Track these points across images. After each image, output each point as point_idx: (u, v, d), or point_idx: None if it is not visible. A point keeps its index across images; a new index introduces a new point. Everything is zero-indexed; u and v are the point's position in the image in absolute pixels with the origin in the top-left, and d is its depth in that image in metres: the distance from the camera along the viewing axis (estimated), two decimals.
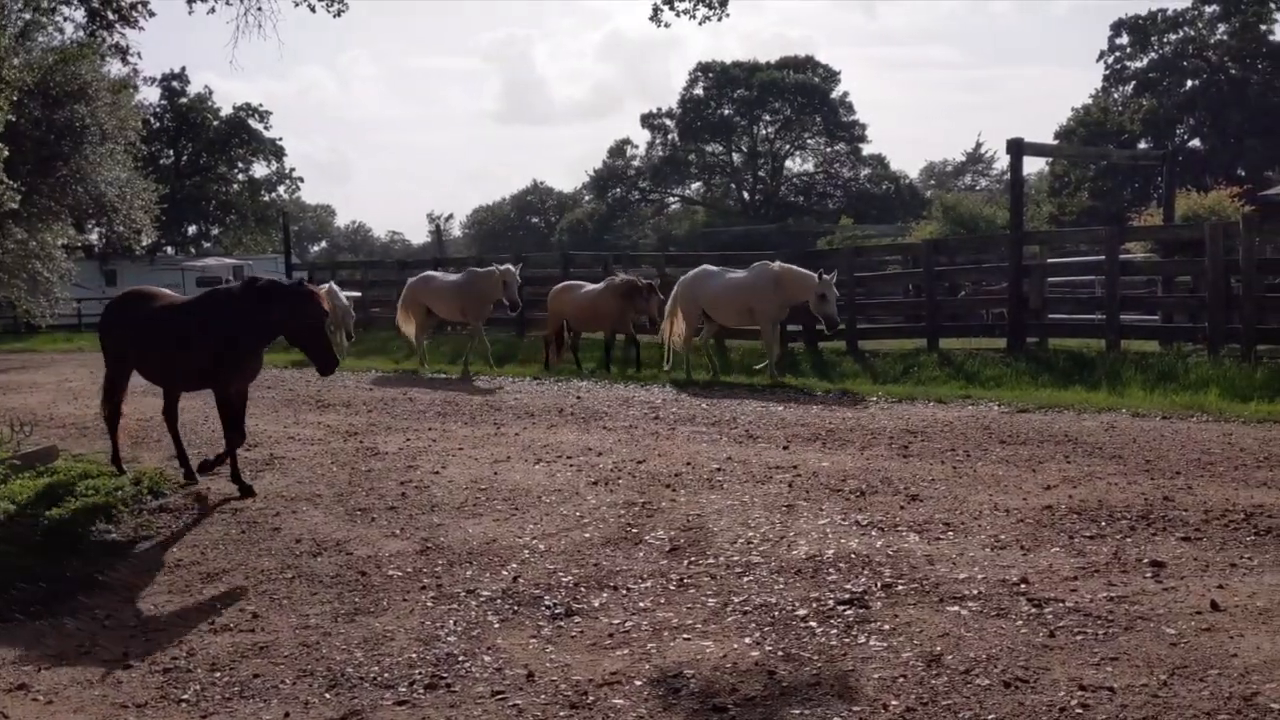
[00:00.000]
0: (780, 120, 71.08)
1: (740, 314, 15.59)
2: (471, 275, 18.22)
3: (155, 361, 8.78)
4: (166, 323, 8.58)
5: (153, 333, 8.61)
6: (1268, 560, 5.85)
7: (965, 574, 5.80)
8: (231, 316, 8.16)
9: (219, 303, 8.41)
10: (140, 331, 8.70)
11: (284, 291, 8.08)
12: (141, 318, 8.74)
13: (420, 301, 18.84)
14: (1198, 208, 24.22)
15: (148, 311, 8.76)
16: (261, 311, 8.05)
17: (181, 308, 8.72)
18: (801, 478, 8.34)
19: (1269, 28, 59.00)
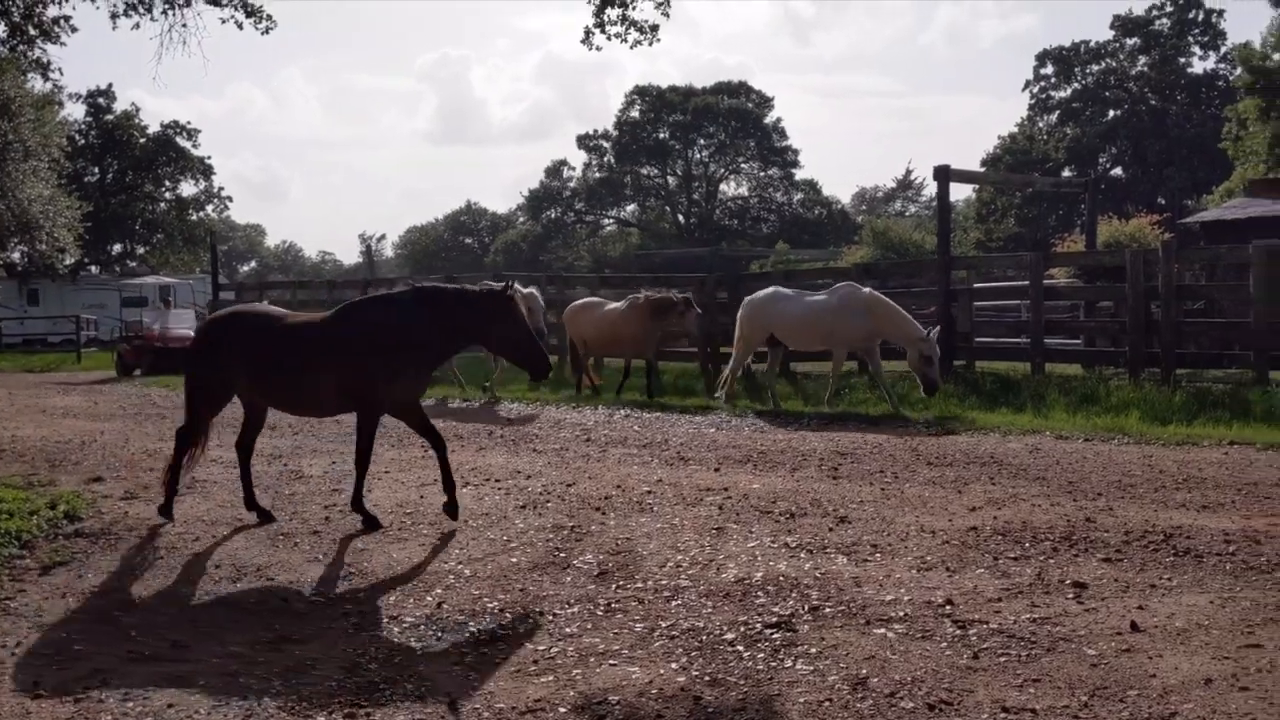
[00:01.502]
0: (715, 144, 71.56)
1: (820, 339, 14.61)
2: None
3: (289, 385, 7.81)
4: (313, 341, 7.71)
5: (291, 353, 7.71)
6: (1186, 581, 5.95)
7: (891, 596, 5.82)
8: (410, 327, 7.49)
9: (388, 314, 7.61)
10: (268, 353, 7.75)
11: (482, 298, 7.59)
12: (270, 338, 7.81)
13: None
14: (1119, 235, 24.74)
15: (278, 330, 7.86)
16: (455, 319, 7.51)
17: (332, 323, 7.78)
18: (732, 500, 8.34)
19: (1187, 61, 60.77)
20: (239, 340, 7.88)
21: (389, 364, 7.50)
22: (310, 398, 7.88)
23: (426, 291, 7.68)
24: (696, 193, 73.07)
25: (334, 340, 7.65)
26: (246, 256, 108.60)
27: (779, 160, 71.62)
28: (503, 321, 7.51)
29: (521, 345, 7.61)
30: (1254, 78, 41.34)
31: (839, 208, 75.31)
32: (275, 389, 7.92)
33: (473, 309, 7.53)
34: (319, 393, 7.75)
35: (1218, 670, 4.62)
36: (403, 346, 7.50)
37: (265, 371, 7.80)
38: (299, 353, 7.71)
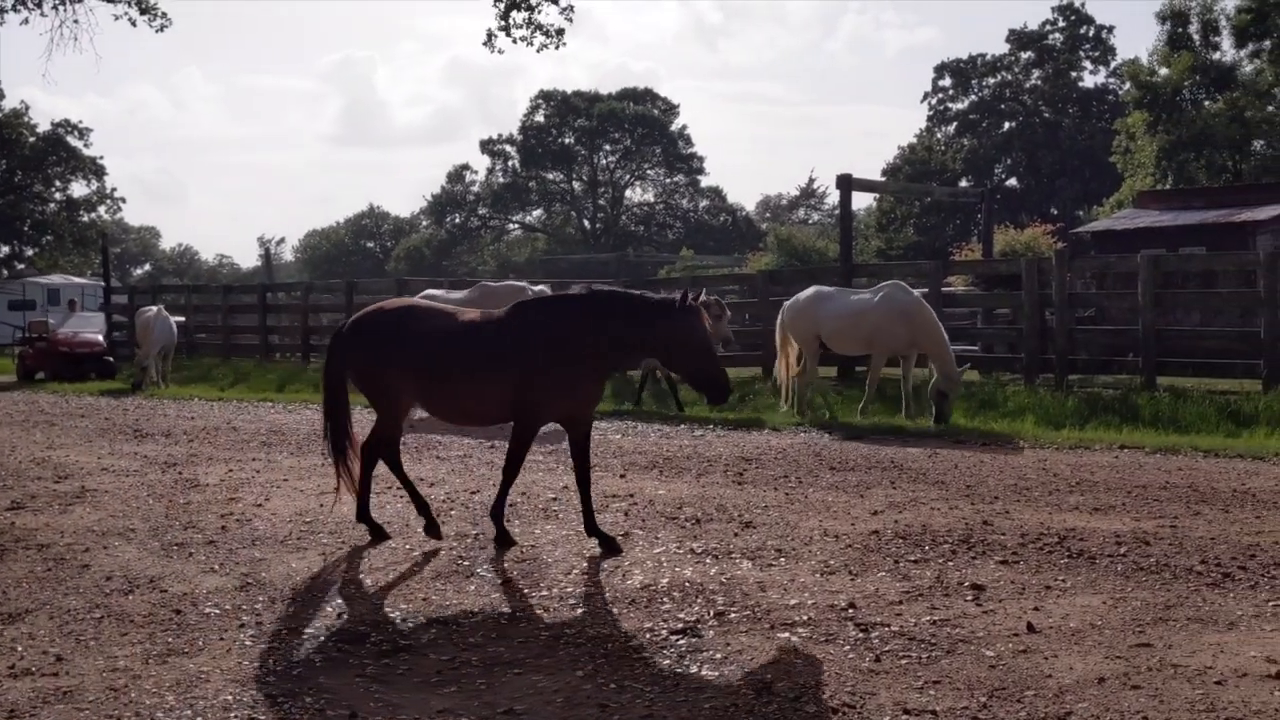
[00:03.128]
0: (620, 150, 71.80)
1: (861, 342, 13.87)
2: (486, 292, 15.37)
3: (455, 392, 7.14)
4: (482, 342, 7.03)
5: (460, 355, 7.03)
6: (1080, 582, 6.10)
7: (796, 600, 5.86)
8: (586, 333, 6.77)
9: (563, 318, 6.89)
10: (435, 354, 7.07)
11: (660, 306, 6.71)
12: (436, 337, 7.11)
13: None
14: (1014, 243, 25.45)
15: (444, 329, 7.15)
16: (630, 327, 6.73)
17: (507, 324, 7.04)
18: (638, 506, 8.34)
19: (1079, 75, 62.72)
20: (409, 336, 7.17)
21: (564, 373, 6.82)
22: (471, 405, 7.20)
23: (603, 295, 6.96)
24: (603, 198, 73.19)
25: (505, 343, 6.94)
26: (140, 260, 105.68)
27: (685, 167, 72.16)
28: (682, 335, 6.60)
29: (701, 364, 6.69)
30: (1142, 92, 42.86)
31: (744, 215, 76.10)
32: (432, 393, 7.23)
33: (650, 318, 6.67)
34: (482, 400, 7.08)
35: (1110, 669, 4.74)
36: (579, 354, 6.79)
37: (421, 374, 7.12)
38: (464, 355, 7.03)
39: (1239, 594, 5.84)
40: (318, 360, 24.12)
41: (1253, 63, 43.17)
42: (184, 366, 23.95)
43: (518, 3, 10.44)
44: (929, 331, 13.12)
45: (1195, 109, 41.99)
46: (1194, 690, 4.49)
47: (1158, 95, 42.18)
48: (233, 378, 22.34)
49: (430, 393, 7.21)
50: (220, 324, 27.38)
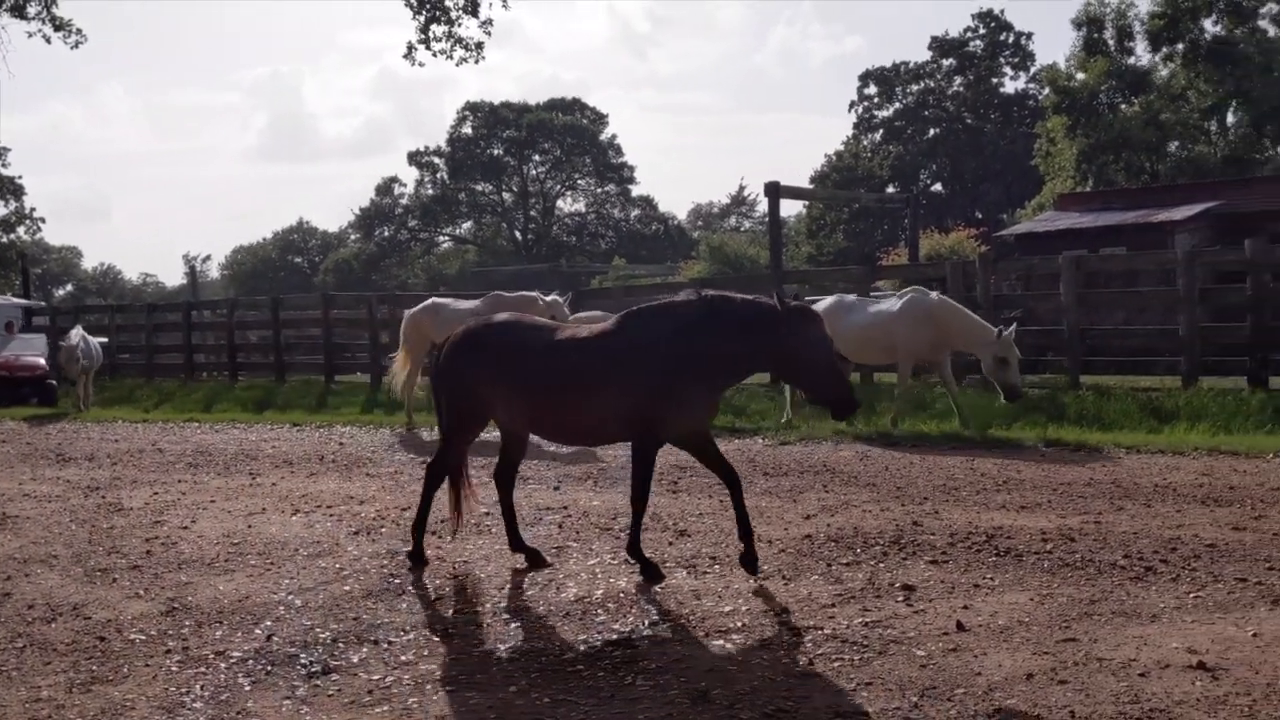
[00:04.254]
0: (550, 161, 71.74)
1: (883, 351, 13.43)
2: (498, 302, 14.66)
3: (560, 409, 6.62)
4: (592, 357, 6.51)
5: (565, 371, 6.53)
6: (1008, 579, 6.19)
7: (730, 607, 5.88)
8: (701, 342, 6.25)
9: (676, 326, 6.33)
10: (537, 371, 6.58)
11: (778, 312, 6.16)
12: (538, 353, 6.60)
13: (426, 337, 14.97)
14: (940, 247, 25.89)
15: (547, 344, 6.64)
16: (745, 335, 6.21)
17: (614, 335, 6.53)
18: (572, 518, 8.31)
19: (1000, 81, 63.85)
20: (500, 355, 6.70)
21: (680, 385, 6.30)
22: (584, 424, 6.68)
23: (716, 301, 6.40)
24: (533, 209, 73.05)
25: (617, 356, 6.43)
26: (62, 280, 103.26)
27: (615, 176, 72.29)
28: (802, 342, 6.12)
29: (822, 374, 6.17)
30: (1060, 97, 43.79)
31: (675, 223, 76.39)
32: (542, 413, 6.71)
33: (766, 324, 6.17)
34: (596, 418, 6.55)
35: (1038, 665, 4.81)
36: (695, 365, 6.29)
37: (531, 393, 6.62)
38: (575, 371, 6.52)
39: (1161, 587, 5.96)
40: (245, 378, 23.80)
41: (1166, 66, 44.33)
42: (107, 388, 23.43)
43: (437, 16, 10.37)
44: (957, 324, 12.59)
45: (1112, 113, 42.98)
46: (1118, 683, 4.57)
47: (1076, 100, 43.13)
48: (157, 398, 21.94)
49: (541, 411, 6.68)
50: (144, 344, 26.79)
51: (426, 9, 10.85)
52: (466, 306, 15.10)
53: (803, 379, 6.39)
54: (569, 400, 6.54)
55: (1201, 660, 4.75)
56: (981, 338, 12.36)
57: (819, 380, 6.22)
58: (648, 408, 6.31)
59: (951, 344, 12.82)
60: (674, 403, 6.31)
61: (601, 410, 6.47)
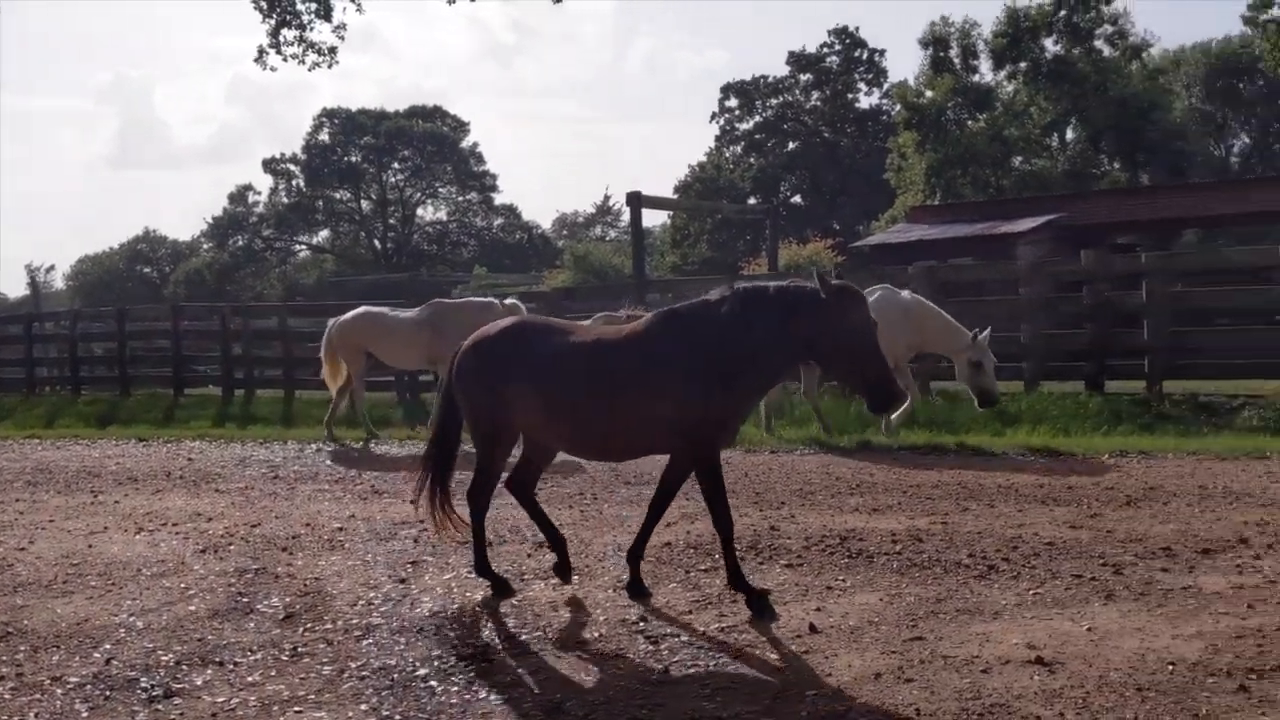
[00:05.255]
0: (410, 168, 70.77)
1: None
2: (442, 310, 14.02)
3: (594, 421, 5.98)
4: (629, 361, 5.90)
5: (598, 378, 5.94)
6: (859, 581, 6.31)
7: (587, 618, 5.85)
8: (745, 340, 5.65)
9: (719, 323, 5.73)
10: (564, 379, 5.99)
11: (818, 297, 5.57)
12: (566, 358, 6.02)
13: (359, 345, 14.29)
14: (798, 258, 26.37)
15: (574, 348, 6.06)
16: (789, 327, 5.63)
17: (652, 337, 5.90)
18: (429, 532, 8.16)
19: (855, 96, 65.61)
20: (524, 361, 6.11)
21: (730, 388, 5.72)
22: (622, 435, 6.01)
23: (754, 293, 5.78)
24: (393, 217, 71.92)
25: (658, 360, 5.82)
26: None
27: (478, 185, 71.73)
28: (844, 329, 5.53)
29: (866, 363, 5.57)
30: (910, 113, 45.23)
31: (540, 232, 76.21)
32: (572, 425, 6.07)
33: (809, 310, 5.59)
34: (637, 429, 5.91)
35: (886, 664, 4.91)
36: (743, 365, 5.70)
37: (559, 403, 6.01)
38: (609, 378, 5.91)
39: (1003, 584, 6.16)
40: (89, 392, 22.82)
41: (1009, 84, 46.16)
42: None
43: (288, 20, 10.12)
44: (932, 324, 12.17)
45: (959, 128, 44.58)
46: (962, 680, 4.70)
47: (925, 116, 44.60)
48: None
49: (562, 424, 6.09)
50: None
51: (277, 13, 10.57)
52: (406, 316, 14.36)
53: (846, 367, 5.68)
54: (604, 411, 5.91)
55: (1040, 655, 4.91)
56: (958, 340, 11.94)
57: (865, 367, 5.56)
58: (700, 417, 5.70)
59: (927, 345, 12.45)
60: (726, 410, 5.76)
61: (643, 421, 5.84)
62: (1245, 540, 6.93)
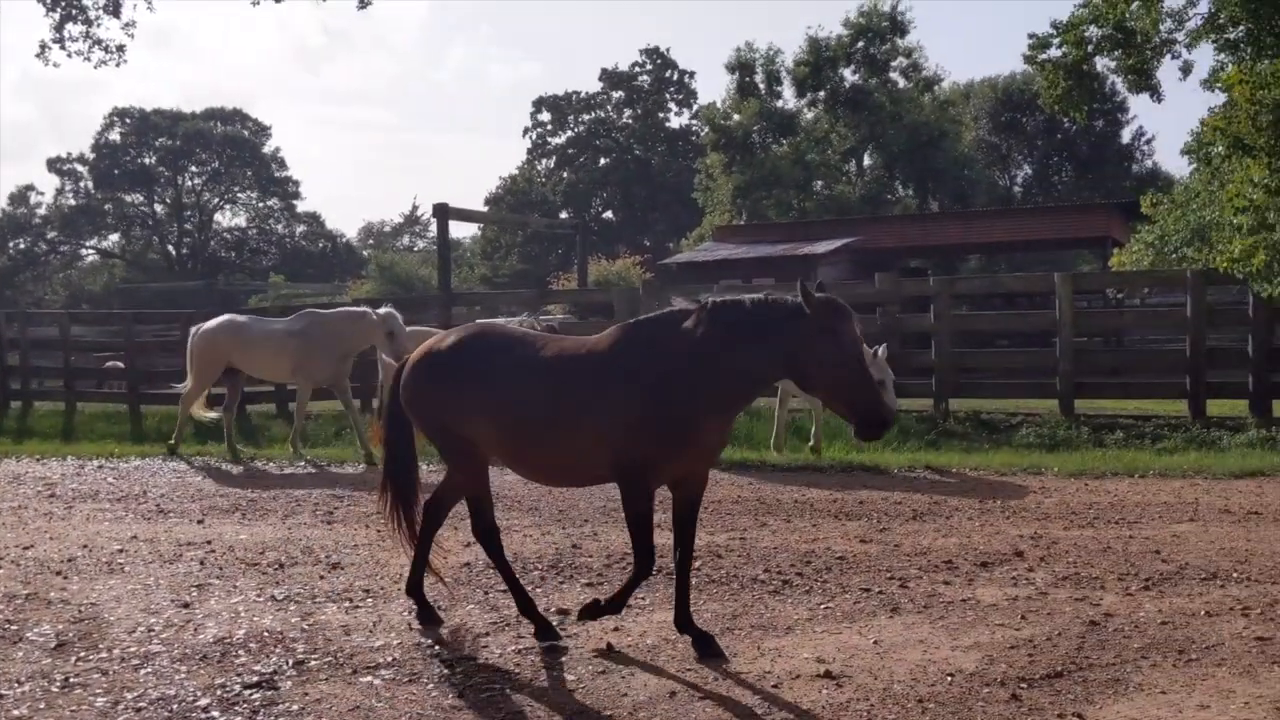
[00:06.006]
0: (208, 172, 67.97)
1: None
2: (314, 320, 13.29)
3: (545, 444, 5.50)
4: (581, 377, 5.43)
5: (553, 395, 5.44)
6: (658, 599, 6.37)
7: (382, 641, 5.71)
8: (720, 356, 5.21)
9: (687, 337, 5.28)
10: (523, 392, 5.49)
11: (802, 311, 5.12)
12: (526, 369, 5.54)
13: (223, 358, 13.36)
14: (608, 274, 26.62)
15: (534, 361, 5.56)
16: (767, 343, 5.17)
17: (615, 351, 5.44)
18: (216, 554, 7.83)
19: (665, 115, 66.65)
20: (475, 375, 5.63)
21: (681, 413, 5.25)
22: (571, 459, 5.54)
23: (724, 306, 5.33)
24: (189, 222, 68.88)
25: (613, 377, 5.37)
26: None
27: (280, 191, 69.44)
28: (832, 342, 5.10)
29: (855, 382, 5.13)
30: (717, 135, 46.28)
31: (344, 241, 74.40)
32: (527, 445, 5.58)
33: (789, 324, 5.16)
34: (583, 452, 5.45)
35: (681, 683, 4.96)
36: (701, 386, 5.25)
37: (516, 419, 5.53)
38: (569, 394, 5.44)
39: (796, 599, 6.33)
40: None
41: (811, 111, 47.80)
42: None
43: (73, 15, 9.56)
44: None
45: (764, 152, 45.83)
46: (755, 695, 4.79)
47: (732, 138, 45.70)
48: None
49: (515, 445, 5.63)
50: None
51: (61, 6, 9.98)
52: (277, 326, 13.52)
53: (830, 387, 5.20)
54: (547, 431, 5.49)
55: (828, 669, 5.06)
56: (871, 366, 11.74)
57: (851, 389, 5.12)
58: (636, 442, 5.27)
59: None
60: (669, 436, 5.27)
61: (582, 443, 5.42)
62: (1020, 553, 7.33)
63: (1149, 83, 19.66)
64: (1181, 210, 17.19)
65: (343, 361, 13.07)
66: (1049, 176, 56.57)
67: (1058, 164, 56.55)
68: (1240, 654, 5.18)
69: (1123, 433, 12.79)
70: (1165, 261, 16.62)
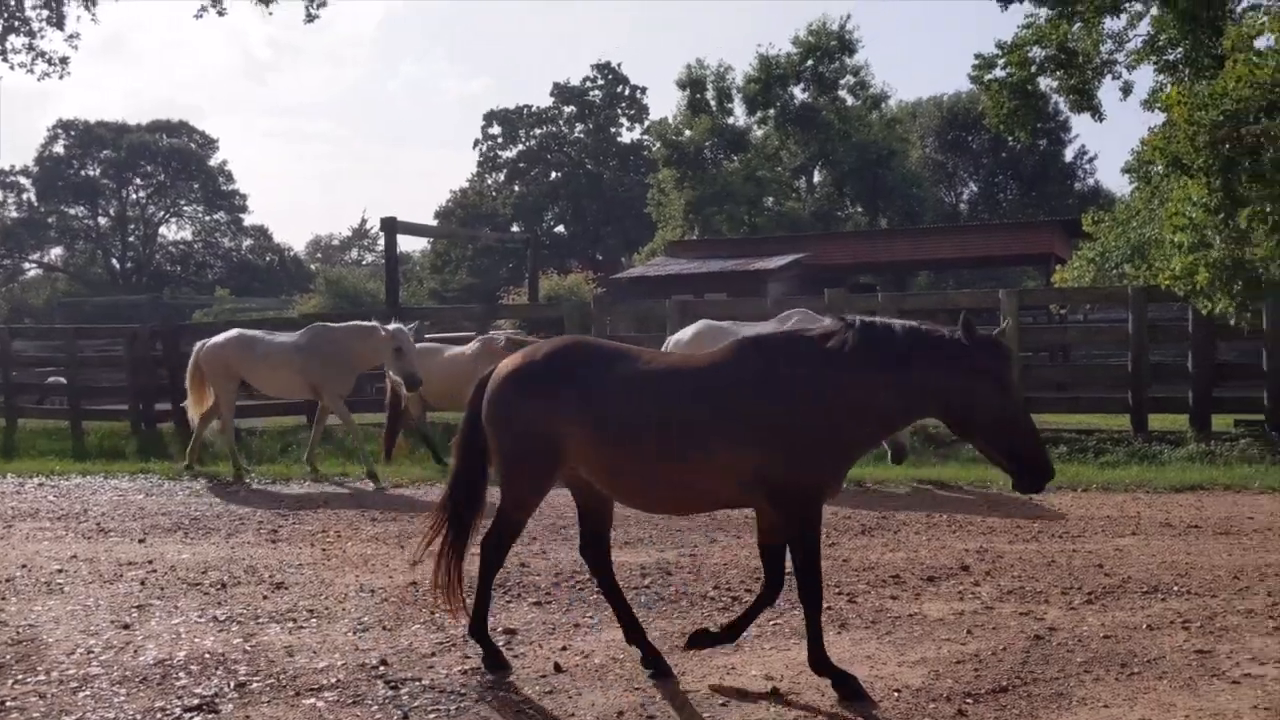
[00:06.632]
0: (154, 185, 67.06)
1: None
2: (323, 334, 12.92)
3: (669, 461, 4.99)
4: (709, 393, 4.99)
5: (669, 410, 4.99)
6: (606, 617, 6.32)
7: (325, 662, 5.63)
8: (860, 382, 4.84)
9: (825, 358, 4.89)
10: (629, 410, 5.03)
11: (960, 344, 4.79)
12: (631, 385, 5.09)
13: (234, 374, 13.02)
14: (559, 288, 26.56)
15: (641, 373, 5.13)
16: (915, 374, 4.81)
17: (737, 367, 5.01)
18: (158, 573, 7.69)
19: (617, 130, 66.80)
20: (590, 384, 5.14)
21: (837, 437, 4.90)
22: (696, 484, 5.08)
23: (877, 329, 4.94)
24: (134, 236, 67.90)
25: (753, 394, 4.93)
26: None
27: (226, 204, 68.67)
28: (992, 386, 4.76)
29: (1018, 429, 4.78)
30: (669, 150, 46.48)
31: (292, 255, 73.69)
32: (638, 465, 5.06)
33: (944, 358, 4.80)
34: (715, 476, 5.01)
35: (629, 702, 4.94)
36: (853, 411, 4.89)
37: (629, 438, 5.02)
38: (683, 411, 4.99)
39: None
40: None
41: (761, 128, 48.15)
42: None
43: (15, 27, 9.40)
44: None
45: (716, 167, 46.08)
46: (703, 713, 4.78)
47: (684, 154, 45.91)
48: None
49: (622, 465, 5.11)
50: None
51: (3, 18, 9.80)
52: (285, 340, 13.14)
53: (989, 434, 4.81)
54: (675, 453, 4.98)
55: (776, 686, 5.06)
56: None
57: (1013, 437, 4.76)
58: (797, 468, 4.86)
59: None
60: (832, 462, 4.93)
61: (723, 468, 4.95)
62: (966, 567, 7.38)
63: (1090, 103, 20.07)
64: (1122, 228, 17.45)
65: (352, 376, 12.85)
66: (994, 194, 57.33)
67: (1003, 182, 57.36)
68: (1181, 667, 5.26)
69: (1066, 447, 12.94)
70: (1106, 278, 16.85)
